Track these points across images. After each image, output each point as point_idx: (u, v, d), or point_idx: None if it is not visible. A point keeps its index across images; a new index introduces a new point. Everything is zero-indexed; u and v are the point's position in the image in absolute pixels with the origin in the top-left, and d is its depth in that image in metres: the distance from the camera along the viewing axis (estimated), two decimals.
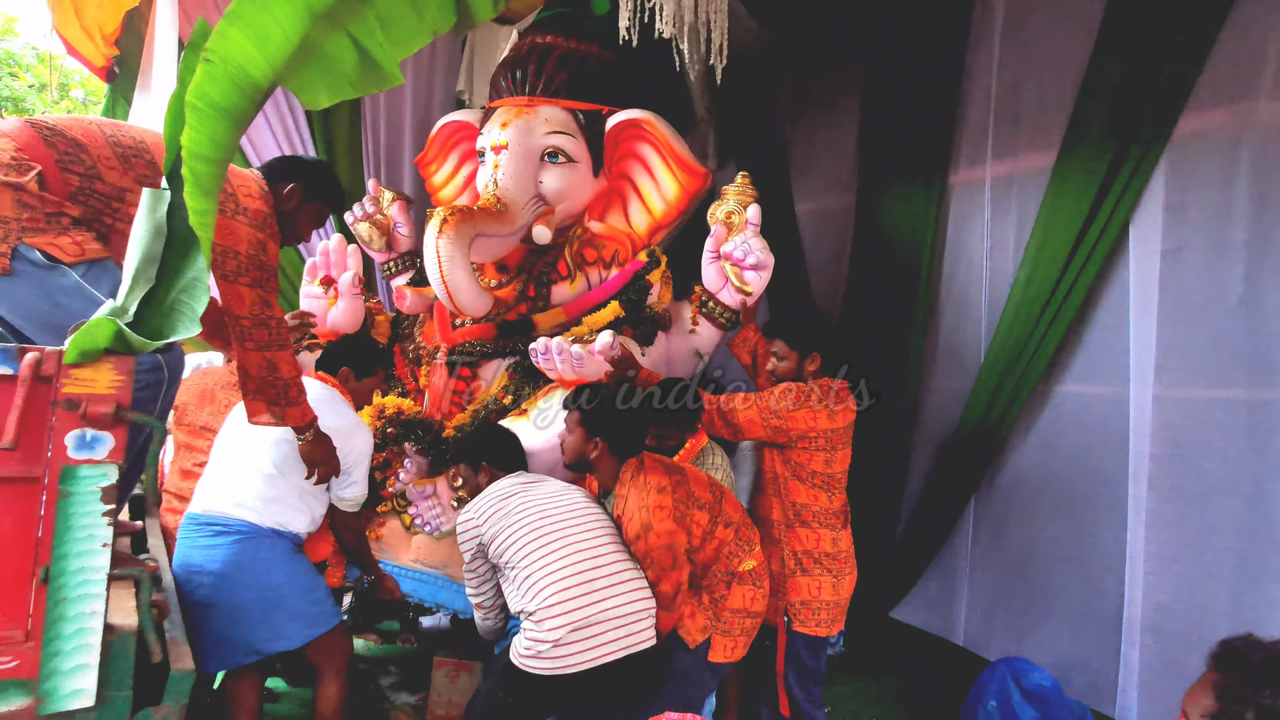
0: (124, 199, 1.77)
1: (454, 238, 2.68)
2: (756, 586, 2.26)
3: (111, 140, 1.80)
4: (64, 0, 3.50)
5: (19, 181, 1.61)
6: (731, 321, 3.03)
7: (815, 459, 2.47)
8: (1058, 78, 3.02)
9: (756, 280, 2.93)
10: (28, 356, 1.28)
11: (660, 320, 3.10)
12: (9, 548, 1.29)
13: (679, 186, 3.08)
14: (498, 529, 2.08)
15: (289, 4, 1.35)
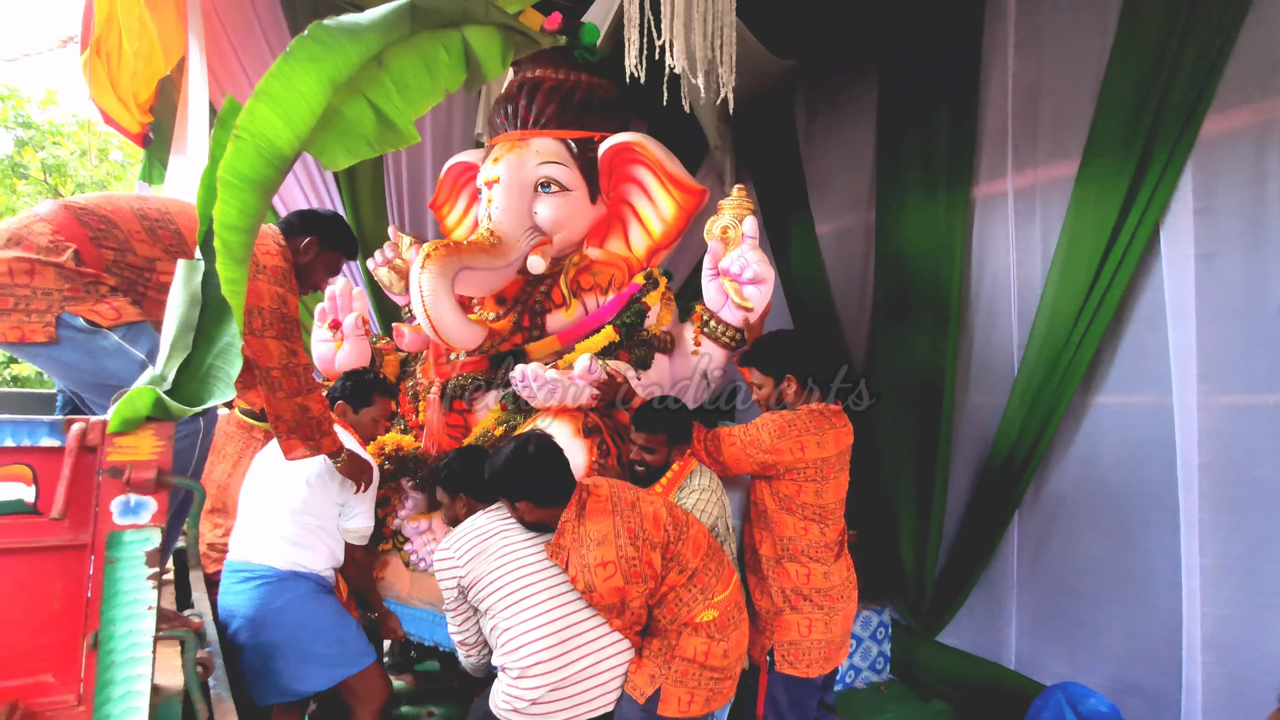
0: (154, 268, 1.92)
1: (436, 272, 2.68)
2: (713, 639, 2.02)
3: (139, 214, 1.95)
4: (100, 72, 3.67)
5: (58, 260, 1.76)
6: (736, 340, 2.91)
7: (805, 490, 2.32)
8: (1075, 86, 3.00)
9: (757, 295, 2.80)
10: (74, 428, 1.33)
11: (659, 343, 3.02)
12: (61, 614, 1.33)
13: (676, 206, 3.04)
14: (477, 574, 2.00)
15: (312, 77, 1.41)
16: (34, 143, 9.50)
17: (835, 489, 2.37)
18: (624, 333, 2.93)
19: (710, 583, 2.06)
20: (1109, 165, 2.80)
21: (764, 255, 2.82)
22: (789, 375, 2.45)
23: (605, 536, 1.96)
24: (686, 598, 2.02)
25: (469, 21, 1.79)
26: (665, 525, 2.03)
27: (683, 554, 2.02)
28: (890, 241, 3.69)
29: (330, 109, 1.52)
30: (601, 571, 1.93)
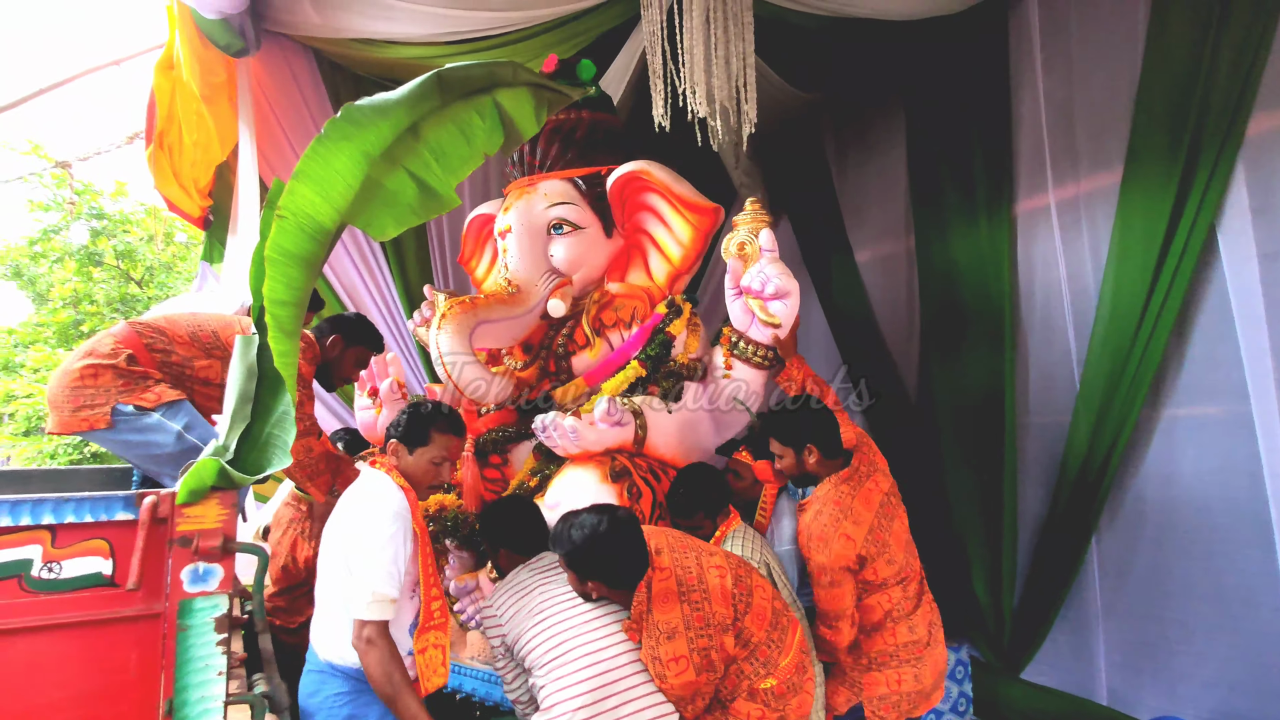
0: (192, 364, 2.41)
1: (453, 330, 2.67)
2: (769, 707, 1.93)
3: (185, 325, 2.46)
4: (163, 164, 3.94)
5: (115, 363, 2.26)
6: (768, 359, 2.79)
7: (879, 568, 2.19)
8: (1109, 96, 2.95)
9: (783, 309, 2.69)
10: (146, 501, 1.39)
11: (689, 371, 2.93)
12: (137, 682, 1.37)
13: (691, 228, 2.98)
14: (519, 631, 1.96)
15: (346, 154, 1.49)
16: (107, 232, 10.18)
17: (897, 539, 2.24)
18: (650, 366, 2.87)
19: (773, 655, 1.96)
20: (1154, 171, 2.72)
21: (785, 268, 2.71)
22: (810, 444, 2.29)
23: (675, 629, 1.87)
24: (748, 670, 1.94)
25: (499, 85, 1.86)
26: (732, 599, 1.93)
27: (748, 628, 1.94)
28: (933, 265, 3.64)
29: (370, 182, 1.60)
30: (674, 666, 1.85)
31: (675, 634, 1.86)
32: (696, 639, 1.87)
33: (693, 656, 1.85)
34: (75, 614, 1.32)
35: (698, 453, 2.85)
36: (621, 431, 2.57)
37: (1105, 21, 2.98)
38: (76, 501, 1.34)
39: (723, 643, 1.90)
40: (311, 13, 3.44)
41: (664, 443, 2.76)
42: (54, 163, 7.55)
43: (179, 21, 3.49)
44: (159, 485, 2.31)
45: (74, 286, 10.08)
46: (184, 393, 2.37)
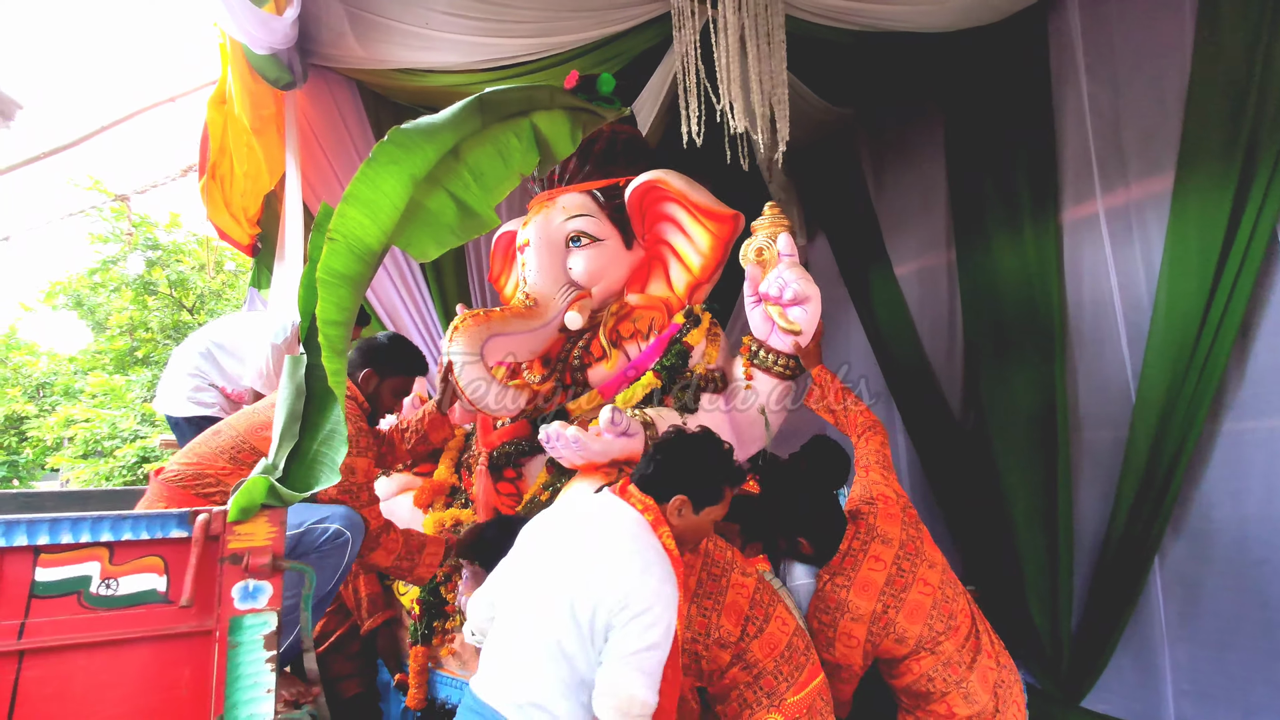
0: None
1: (464, 342, 2.63)
2: None
3: (219, 452, 2.07)
4: (215, 194, 4.09)
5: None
6: (789, 368, 2.70)
7: (892, 649, 2.04)
8: (1157, 99, 2.87)
9: (803, 316, 2.60)
10: (199, 519, 1.42)
11: (707, 382, 2.84)
12: (189, 699, 1.39)
13: (711, 236, 2.93)
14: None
15: (394, 177, 1.52)
16: (161, 261, 10.60)
17: (912, 611, 2.03)
18: (665, 377, 2.80)
19: (779, 687, 1.80)
20: (1209, 174, 2.63)
21: (804, 272, 2.63)
22: (800, 538, 2.18)
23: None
24: (750, 698, 1.80)
25: (536, 108, 1.90)
26: (744, 619, 1.81)
27: (753, 650, 1.81)
28: (976, 278, 3.56)
29: (414, 204, 1.63)
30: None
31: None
32: (691, 643, 1.79)
33: (682, 655, 1.74)
34: (131, 630, 1.35)
35: None
36: (630, 442, 2.48)
37: (1150, 23, 2.91)
38: (134, 519, 1.37)
39: (717, 655, 1.80)
40: (355, 46, 3.56)
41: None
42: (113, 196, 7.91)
43: (231, 58, 3.64)
44: None
45: (130, 315, 10.50)
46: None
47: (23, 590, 1.29)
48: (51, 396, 10.95)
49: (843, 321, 4.69)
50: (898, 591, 2.05)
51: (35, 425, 10.28)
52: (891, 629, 2.01)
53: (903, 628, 2.02)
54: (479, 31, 3.20)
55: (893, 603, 2.03)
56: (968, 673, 2.03)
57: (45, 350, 11.89)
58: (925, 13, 3.07)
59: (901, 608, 2.03)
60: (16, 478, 10.86)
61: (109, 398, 9.74)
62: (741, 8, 2.78)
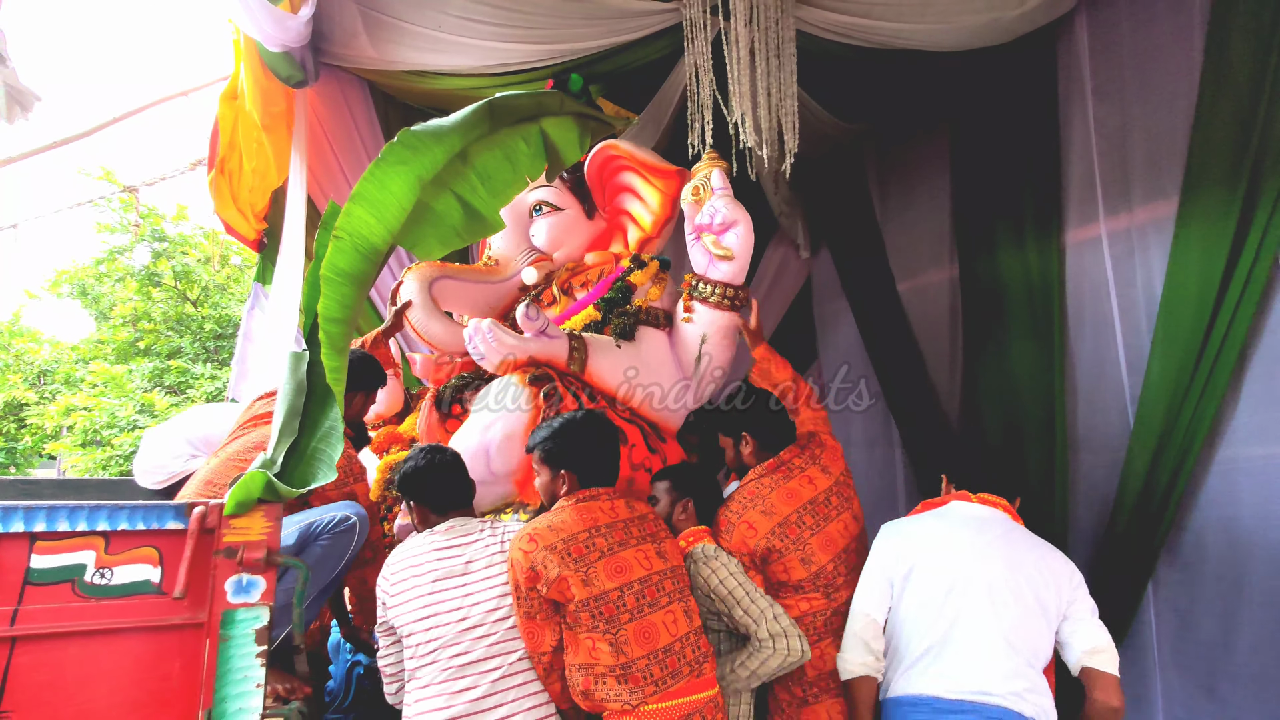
0: None
1: (415, 277, 2.84)
2: None
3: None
4: (223, 189, 4.11)
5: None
6: (727, 298, 2.68)
7: (790, 565, 2.01)
8: (1163, 124, 2.88)
9: (734, 239, 2.60)
10: (195, 511, 1.43)
11: (648, 315, 2.86)
12: (178, 691, 1.39)
13: (659, 193, 3.01)
14: (400, 618, 1.77)
15: (401, 178, 1.53)
16: (167, 253, 10.63)
17: (824, 541, 2.01)
18: (604, 308, 2.83)
19: (643, 689, 1.68)
20: (1212, 200, 2.64)
21: (734, 200, 2.63)
22: (744, 433, 2.25)
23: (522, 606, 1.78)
24: (615, 689, 1.69)
25: (545, 114, 1.91)
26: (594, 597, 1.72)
27: (630, 643, 1.69)
28: (977, 295, 3.57)
29: (420, 205, 1.64)
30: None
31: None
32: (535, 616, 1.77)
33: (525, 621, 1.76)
34: (124, 620, 1.36)
35: (657, 402, 2.76)
36: (550, 344, 2.49)
37: (1158, 49, 2.93)
38: (130, 509, 1.38)
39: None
40: (368, 46, 3.58)
41: (610, 372, 2.66)
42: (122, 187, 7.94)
43: (244, 54, 3.66)
44: None
45: (134, 305, 10.52)
46: None
47: (17, 577, 1.30)
48: (52, 384, 10.97)
49: (842, 333, 4.70)
50: (820, 517, 2.06)
51: (35, 413, 10.28)
52: (801, 546, 1.99)
53: (812, 550, 2.01)
54: (491, 36, 3.22)
55: (811, 522, 2.04)
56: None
57: (48, 338, 11.92)
58: (935, 32, 3.09)
59: (819, 533, 2.03)
60: (14, 465, 10.87)
61: (109, 387, 9.75)
62: (752, 21, 2.80)
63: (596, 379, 2.63)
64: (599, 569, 1.73)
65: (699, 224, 2.70)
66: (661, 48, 3.25)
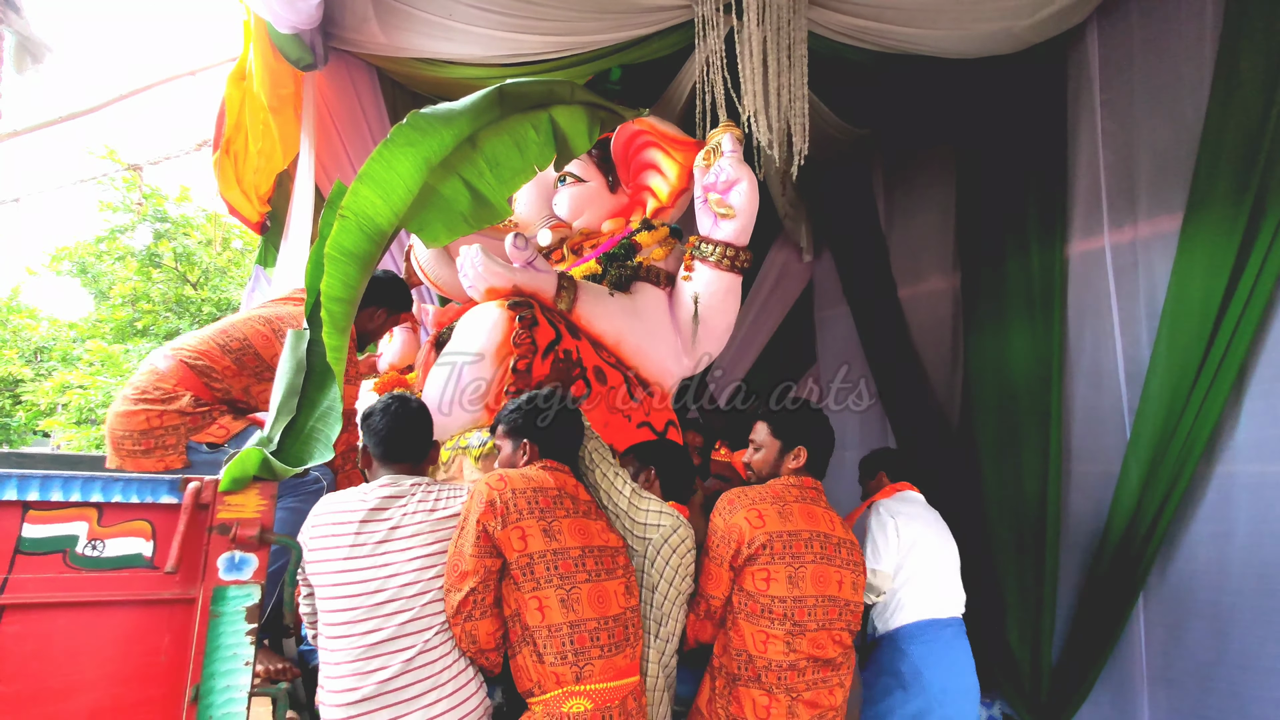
0: (249, 391, 2.35)
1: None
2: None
3: (224, 350, 2.32)
4: (228, 170, 4.09)
5: (179, 406, 2.23)
6: (725, 257, 2.61)
7: (774, 576, 1.82)
8: (1171, 139, 2.89)
9: (738, 197, 2.56)
10: (190, 486, 1.42)
11: (648, 273, 2.81)
12: (167, 666, 1.38)
13: (678, 165, 3.02)
14: (315, 577, 1.67)
15: (409, 160, 1.52)
16: (168, 234, 10.60)
17: (811, 578, 1.83)
18: (605, 262, 2.81)
19: (584, 651, 1.61)
20: (1218, 216, 2.64)
21: (741, 161, 2.58)
22: (801, 446, 2.03)
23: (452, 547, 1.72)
24: (559, 651, 1.61)
25: (556, 102, 1.90)
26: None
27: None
28: (979, 304, 3.57)
29: (428, 189, 1.63)
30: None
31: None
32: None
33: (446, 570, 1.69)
34: (114, 593, 1.35)
35: (648, 357, 2.72)
36: (537, 277, 2.46)
37: (1169, 62, 2.93)
38: (124, 482, 1.37)
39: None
40: (378, 32, 3.56)
41: (601, 318, 2.62)
42: (126, 166, 7.91)
43: (254, 35, 3.65)
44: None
45: (134, 285, 10.49)
46: (243, 413, 2.37)
47: (9, 545, 1.29)
48: (49, 361, 10.93)
49: (843, 340, 4.70)
50: (828, 555, 1.86)
51: (30, 389, 10.25)
52: (797, 564, 1.81)
53: (805, 574, 1.81)
54: (501, 26, 3.21)
55: (819, 550, 1.85)
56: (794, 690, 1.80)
57: (46, 315, 11.88)
58: (947, 38, 3.09)
59: (820, 565, 1.84)
60: (8, 441, 10.83)
61: (106, 366, 9.72)
62: (764, 20, 2.79)
63: (585, 323, 2.58)
64: (564, 525, 1.68)
65: (705, 184, 2.66)
66: (674, 42, 3.25)
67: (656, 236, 2.88)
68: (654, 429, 2.61)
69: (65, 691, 1.30)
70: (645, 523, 1.88)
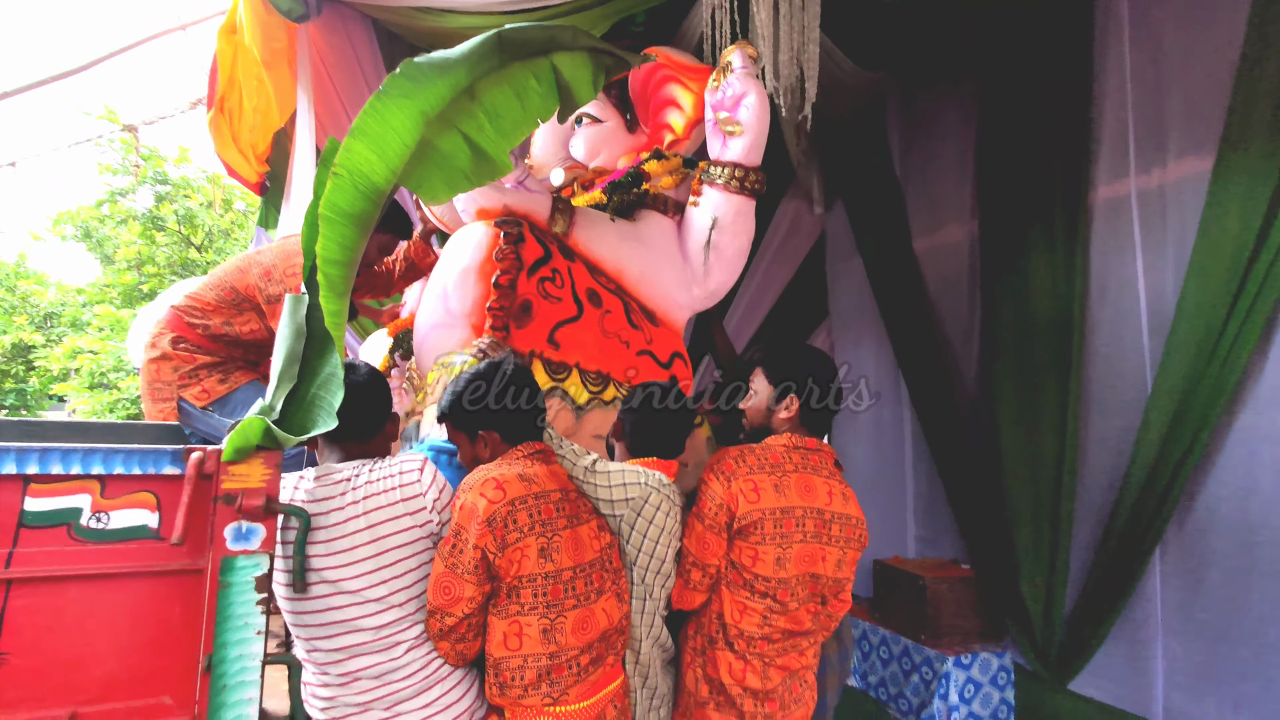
0: (230, 324, 2.39)
1: None
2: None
3: (207, 287, 2.41)
4: (223, 129, 3.99)
5: (167, 350, 2.32)
6: (735, 178, 2.48)
7: (762, 555, 1.71)
8: (1204, 72, 2.74)
9: (745, 112, 2.43)
10: (193, 457, 1.39)
11: (654, 201, 2.71)
12: (178, 637, 1.38)
13: (692, 95, 2.91)
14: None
15: (404, 112, 1.45)
16: (169, 197, 10.49)
17: (794, 554, 1.72)
18: (610, 191, 2.72)
19: (565, 682, 1.52)
20: (1253, 155, 2.52)
21: (750, 76, 2.44)
22: (794, 395, 1.84)
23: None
24: (533, 683, 1.52)
25: (558, 49, 1.80)
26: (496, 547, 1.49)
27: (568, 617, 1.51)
28: (998, 255, 3.47)
29: (424, 143, 1.56)
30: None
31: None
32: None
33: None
34: (122, 565, 1.33)
35: (653, 286, 2.61)
36: (529, 197, 2.40)
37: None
38: (125, 453, 1.34)
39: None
40: None
41: (599, 242, 2.53)
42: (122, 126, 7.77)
43: None
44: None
45: (138, 249, 10.44)
46: (241, 367, 2.41)
47: (12, 519, 1.27)
48: (58, 327, 10.97)
49: (855, 293, 4.61)
50: (818, 533, 1.74)
51: (42, 355, 10.31)
52: (785, 545, 1.70)
53: (791, 555, 1.70)
54: None
55: (811, 528, 1.73)
56: (775, 659, 1.75)
57: (54, 281, 11.88)
58: None
59: (808, 544, 1.72)
60: (25, 406, 10.95)
61: (115, 331, 9.74)
62: None
63: (584, 248, 2.50)
64: (563, 539, 1.53)
65: (714, 104, 2.52)
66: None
67: (667, 166, 2.76)
68: (657, 359, 2.52)
69: (78, 663, 1.30)
70: (612, 499, 1.70)
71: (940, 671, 3.25)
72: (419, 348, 2.38)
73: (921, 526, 4.14)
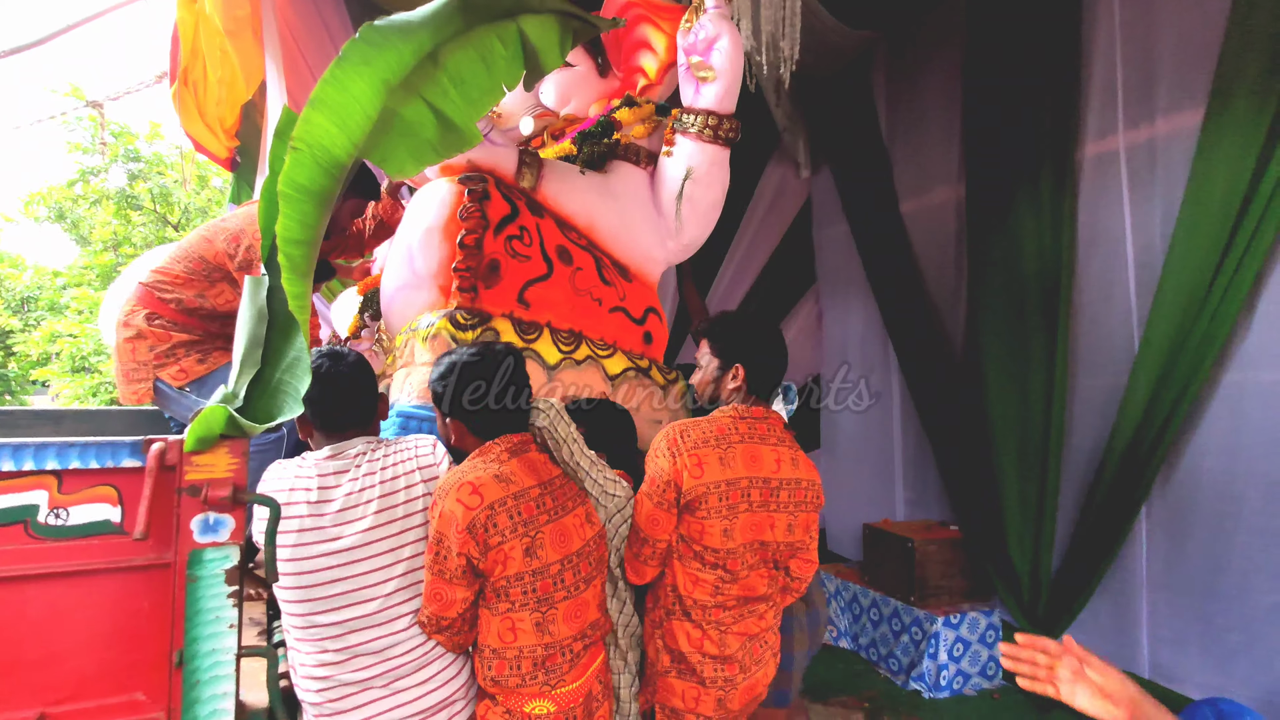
0: (204, 296, 2.28)
1: None
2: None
3: (174, 260, 2.28)
4: (189, 102, 3.85)
5: (141, 327, 2.20)
6: (708, 126, 2.39)
7: (707, 529, 1.69)
8: (1195, 24, 2.68)
9: (718, 57, 2.32)
10: (153, 448, 1.33)
11: (625, 151, 2.60)
12: (148, 632, 1.34)
13: (665, 36, 2.72)
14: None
15: (364, 80, 1.37)
16: (143, 175, 10.23)
17: (740, 524, 1.69)
18: (580, 141, 2.63)
19: (555, 674, 1.53)
20: (1242, 111, 2.47)
21: (723, 17, 2.34)
22: (739, 364, 1.80)
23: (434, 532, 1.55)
24: (530, 672, 1.52)
25: (524, 11, 1.71)
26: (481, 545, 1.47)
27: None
28: (984, 215, 3.42)
29: (387, 111, 1.48)
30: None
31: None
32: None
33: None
34: (85, 561, 1.29)
35: (626, 240, 2.54)
36: (493, 151, 2.32)
37: None
38: (81, 447, 1.28)
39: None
40: None
41: (569, 197, 2.45)
42: (86, 102, 7.52)
43: None
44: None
45: (114, 229, 10.21)
46: (220, 347, 2.29)
47: None
48: (36, 311, 10.77)
49: (843, 257, 4.56)
50: (765, 502, 1.71)
51: (21, 340, 10.14)
52: (731, 517, 1.68)
53: (737, 527, 1.68)
54: None
55: (757, 498, 1.70)
56: (732, 625, 1.73)
57: (30, 264, 11.62)
58: None
59: (755, 513, 1.70)
60: (9, 392, 10.80)
61: (94, 314, 9.57)
62: None
63: (553, 203, 2.43)
64: (547, 535, 1.52)
65: (686, 48, 2.40)
66: None
67: (639, 114, 2.63)
68: (630, 315, 2.46)
69: (45, 662, 1.26)
70: (608, 493, 1.76)
71: (930, 631, 3.28)
72: (387, 310, 2.32)
73: (910, 489, 4.16)
